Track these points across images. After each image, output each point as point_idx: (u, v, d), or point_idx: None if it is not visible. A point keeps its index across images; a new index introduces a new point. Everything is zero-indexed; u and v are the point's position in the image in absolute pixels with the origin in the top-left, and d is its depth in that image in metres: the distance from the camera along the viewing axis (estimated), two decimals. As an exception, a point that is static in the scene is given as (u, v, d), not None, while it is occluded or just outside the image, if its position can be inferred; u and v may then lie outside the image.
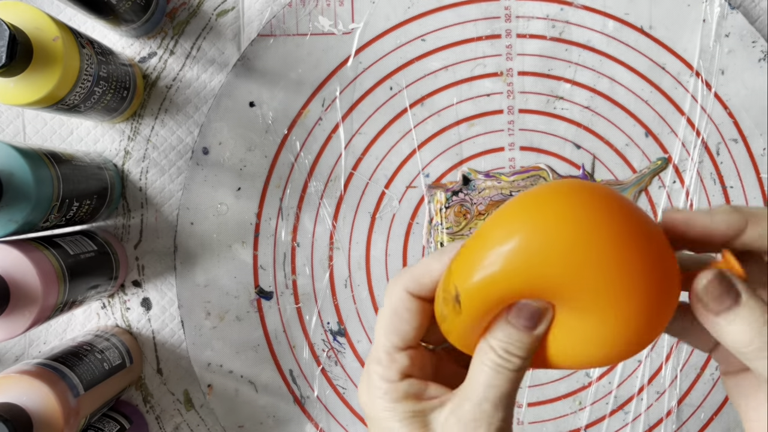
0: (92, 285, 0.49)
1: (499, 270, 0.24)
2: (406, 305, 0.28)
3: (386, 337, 0.29)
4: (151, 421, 0.56)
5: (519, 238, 0.23)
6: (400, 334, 0.28)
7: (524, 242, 0.23)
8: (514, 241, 0.23)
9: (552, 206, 0.23)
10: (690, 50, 0.55)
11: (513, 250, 0.23)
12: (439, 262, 0.28)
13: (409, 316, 0.28)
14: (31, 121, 0.56)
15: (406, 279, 0.29)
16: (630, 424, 0.55)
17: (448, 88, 0.56)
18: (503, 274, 0.24)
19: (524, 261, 0.23)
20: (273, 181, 0.56)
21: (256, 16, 0.56)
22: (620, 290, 0.23)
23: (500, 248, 0.24)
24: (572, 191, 0.24)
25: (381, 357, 0.29)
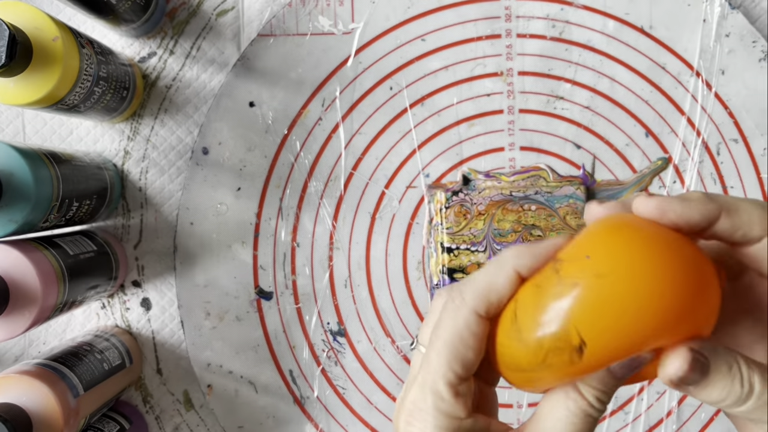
0: (92, 285, 0.49)
1: (655, 324, 0.22)
2: (473, 330, 0.26)
3: (449, 366, 0.25)
4: (150, 422, 0.56)
5: (672, 286, 0.22)
6: (464, 362, 0.26)
7: (677, 292, 0.22)
8: (665, 290, 0.22)
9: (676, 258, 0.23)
10: (690, 50, 0.55)
11: (665, 300, 0.21)
12: (506, 275, 0.26)
13: (474, 342, 0.26)
14: (30, 121, 0.56)
15: (474, 298, 0.26)
16: (630, 424, 0.55)
17: (448, 88, 0.56)
18: (656, 328, 0.22)
19: (673, 314, 0.22)
20: (273, 181, 0.56)
21: (256, 15, 0.56)
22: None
23: (650, 298, 0.21)
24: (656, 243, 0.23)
25: (442, 391, 0.25)
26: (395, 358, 0.56)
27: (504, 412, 0.56)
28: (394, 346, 0.56)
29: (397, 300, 0.56)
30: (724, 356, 0.24)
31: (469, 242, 0.54)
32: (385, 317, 0.56)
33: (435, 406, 0.25)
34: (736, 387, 0.23)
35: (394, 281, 0.56)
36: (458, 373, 0.25)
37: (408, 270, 0.56)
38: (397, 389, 0.56)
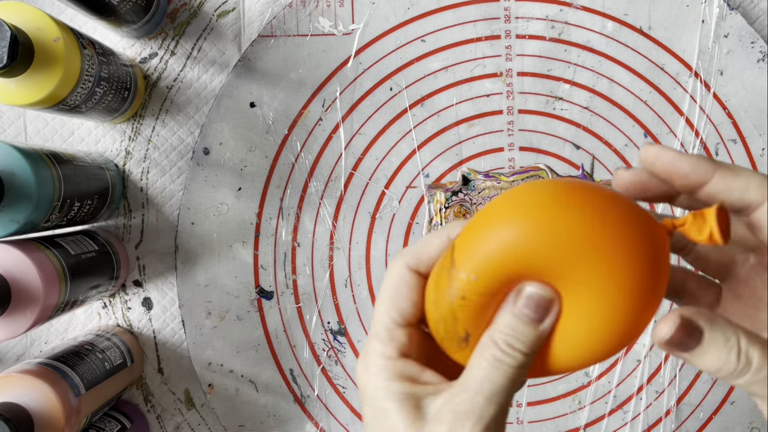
0: (93, 285, 0.50)
1: (506, 245, 0.24)
2: (406, 280, 0.28)
3: (386, 312, 0.28)
4: (152, 421, 0.57)
5: (525, 217, 0.24)
6: (399, 310, 0.28)
7: (531, 221, 0.24)
8: (522, 220, 0.24)
9: (555, 192, 0.25)
10: (689, 51, 0.55)
11: (521, 227, 0.24)
12: (439, 238, 0.28)
13: (408, 292, 0.28)
14: (32, 122, 0.56)
15: (407, 255, 0.29)
16: (629, 423, 0.56)
17: (448, 89, 0.56)
18: (510, 250, 0.24)
19: (532, 237, 0.24)
20: (273, 181, 0.56)
21: (257, 16, 0.56)
22: (617, 268, 0.24)
23: (507, 225, 0.24)
24: (574, 183, 0.25)
25: (380, 333, 0.28)
26: (395, 357, 0.56)
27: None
28: (394, 346, 0.56)
29: (397, 300, 0.56)
30: (721, 327, 0.24)
31: (468, 242, 0.54)
32: (385, 317, 0.56)
33: (372, 346, 0.28)
34: (731, 358, 0.24)
35: (394, 281, 0.56)
36: (393, 317, 0.28)
37: (408, 270, 0.56)
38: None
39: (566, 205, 0.24)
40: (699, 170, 0.25)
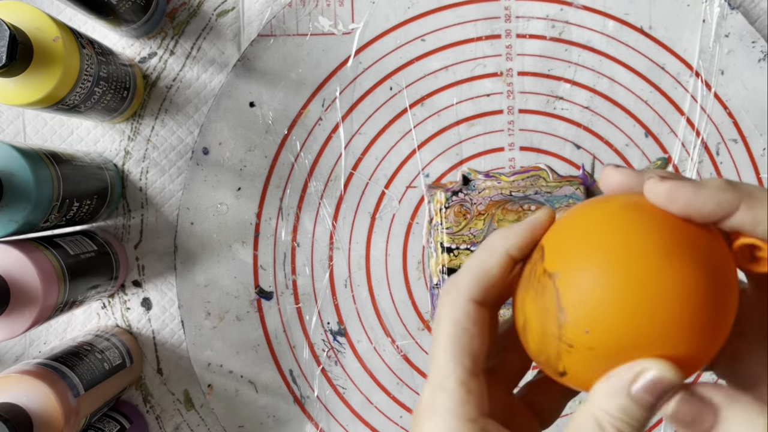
0: (92, 285, 0.49)
1: (628, 318, 0.22)
2: (473, 318, 0.24)
3: (456, 360, 0.24)
4: (151, 421, 0.57)
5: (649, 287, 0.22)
6: (472, 354, 0.24)
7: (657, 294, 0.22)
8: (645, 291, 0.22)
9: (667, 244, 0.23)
10: (690, 50, 0.55)
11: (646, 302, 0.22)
12: (495, 257, 0.25)
13: (477, 330, 0.24)
14: (31, 122, 0.56)
15: (469, 286, 0.25)
16: (630, 424, 0.55)
17: (448, 89, 0.56)
18: (632, 323, 0.22)
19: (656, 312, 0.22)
20: (273, 181, 0.56)
21: (256, 16, 0.56)
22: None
23: (633, 297, 0.22)
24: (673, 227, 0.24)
25: (451, 387, 0.23)
26: (395, 357, 0.56)
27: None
28: (394, 346, 0.56)
29: (397, 300, 0.56)
30: (740, 402, 0.22)
31: (469, 242, 0.54)
32: (385, 317, 0.56)
33: (444, 405, 0.23)
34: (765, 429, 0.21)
35: (394, 281, 0.56)
36: (466, 365, 0.24)
37: (408, 270, 0.56)
38: (397, 389, 0.56)
39: (685, 263, 0.22)
40: (723, 205, 0.22)
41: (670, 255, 0.22)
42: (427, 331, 0.56)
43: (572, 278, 0.23)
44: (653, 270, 0.22)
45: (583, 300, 0.23)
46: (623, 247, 0.23)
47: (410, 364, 0.56)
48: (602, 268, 0.23)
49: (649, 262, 0.22)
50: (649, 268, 0.22)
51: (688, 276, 0.22)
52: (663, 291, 0.22)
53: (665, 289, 0.22)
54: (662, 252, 0.22)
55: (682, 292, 0.22)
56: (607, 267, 0.23)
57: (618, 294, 0.22)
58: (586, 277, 0.23)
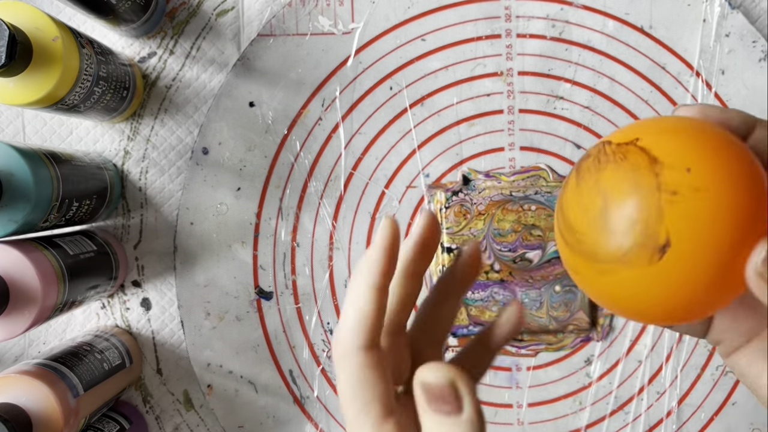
0: (92, 285, 0.49)
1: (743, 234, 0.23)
2: (366, 365, 0.25)
3: (364, 411, 0.24)
4: (150, 422, 0.56)
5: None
6: (377, 398, 0.25)
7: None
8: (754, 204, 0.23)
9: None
10: (690, 50, 0.55)
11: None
12: (366, 301, 0.25)
13: (378, 374, 0.25)
14: (30, 121, 0.56)
15: (351, 335, 0.25)
16: (630, 424, 0.55)
17: (448, 88, 0.56)
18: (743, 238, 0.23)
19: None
20: (273, 181, 0.56)
21: (256, 15, 0.56)
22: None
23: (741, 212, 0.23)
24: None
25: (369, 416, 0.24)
26: (395, 358, 0.56)
27: (504, 412, 0.56)
28: (394, 346, 0.56)
29: (397, 300, 0.56)
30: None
31: (469, 242, 0.54)
32: (385, 317, 0.56)
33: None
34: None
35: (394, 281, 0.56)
36: (376, 412, 0.24)
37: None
38: (397, 389, 0.56)
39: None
40: (746, 119, 0.25)
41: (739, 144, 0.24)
42: (427, 332, 0.56)
43: (654, 136, 0.23)
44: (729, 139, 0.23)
45: (673, 144, 0.23)
46: (696, 124, 0.24)
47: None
48: (681, 128, 0.23)
49: (725, 135, 0.24)
50: (725, 138, 0.24)
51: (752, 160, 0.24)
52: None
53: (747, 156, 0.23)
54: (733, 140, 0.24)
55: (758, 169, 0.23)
56: (685, 128, 0.23)
57: (711, 139, 0.23)
58: (668, 133, 0.23)
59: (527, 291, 0.54)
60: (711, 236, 0.22)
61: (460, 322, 0.54)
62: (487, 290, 0.54)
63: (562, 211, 0.26)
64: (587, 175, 0.25)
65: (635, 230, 0.23)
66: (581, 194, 0.25)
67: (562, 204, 0.26)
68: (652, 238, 0.22)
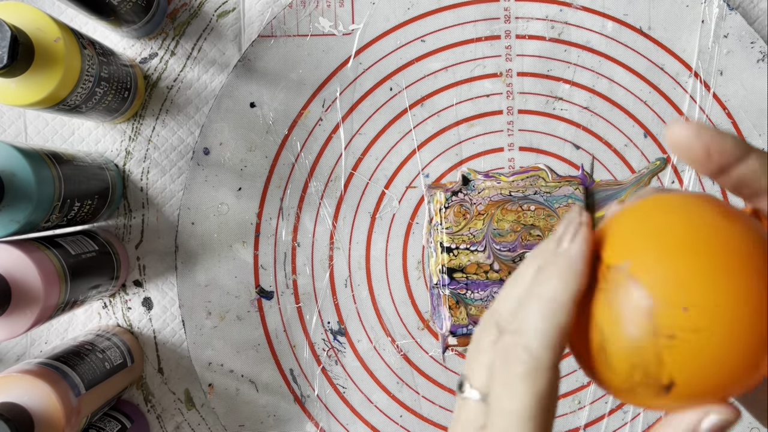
0: (93, 285, 0.50)
1: (749, 371, 0.21)
2: (554, 389, 0.23)
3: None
4: (152, 421, 0.57)
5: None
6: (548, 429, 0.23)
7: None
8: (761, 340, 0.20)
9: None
10: (689, 51, 0.55)
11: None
12: (566, 313, 0.22)
13: (554, 402, 0.23)
14: (32, 122, 0.56)
15: (548, 350, 0.22)
16: (629, 423, 0.56)
17: (448, 89, 0.56)
18: (750, 375, 0.21)
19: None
20: (273, 181, 0.56)
21: (257, 17, 0.56)
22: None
23: (747, 350, 0.20)
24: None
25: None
26: (395, 357, 0.56)
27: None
28: (394, 346, 0.56)
29: (397, 299, 0.56)
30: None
31: (468, 242, 0.54)
32: (385, 317, 0.56)
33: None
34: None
35: (394, 281, 0.56)
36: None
37: (408, 270, 0.56)
38: (396, 388, 0.56)
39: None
40: (740, 146, 0.23)
41: (732, 217, 0.22)
42: (427, 331, 0.56)
43: (645, 260, 0.21)
44: (726, 229, 0.21)
45: (666, 276, 0.21)
46: (686, 223, 0.22)
47: (410, 363, 0.56)
48: (673, 241, 0.21)
49: (718, 226, 0.21)
50: (720, 229, 0.21)
51: (755, 232, 0.21)
52: (756, 251, 0.21)
53: (748, 245, 0.21)
54: (726, 216, 0.21)
55: (761, 245, 0.21)
56: (677, 240, 0.21)
57: (704, 259, 0.21)
58: (659, 253, 0.21)
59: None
60: (719, 369, 0.21)
61: (460, 322, 0.55)
62: (487, 290, 0.54)
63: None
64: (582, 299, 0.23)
65: (636, 374, 0.22)
66: (578, 321, 0.23)
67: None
68: (654, 380, 0.21)
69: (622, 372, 0.22)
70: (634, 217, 0.23)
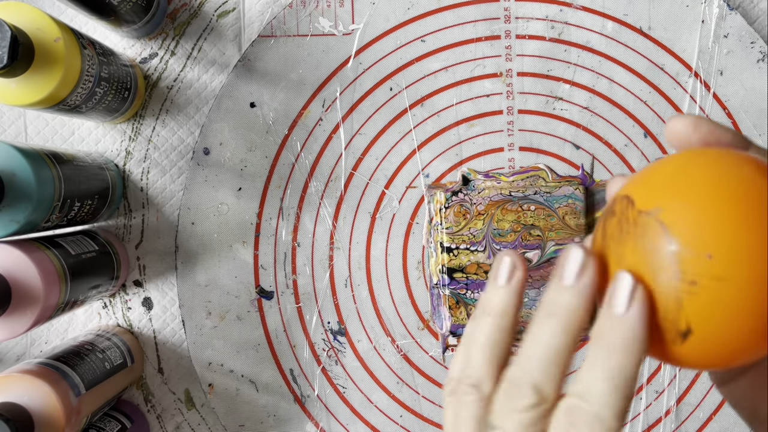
0: (93, 285, 0.50)
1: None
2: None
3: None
4: (152, 421, 0.57)
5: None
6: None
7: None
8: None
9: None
10: (689, 51, 0.55)
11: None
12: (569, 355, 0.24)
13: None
14: (32, 122, 0.56)
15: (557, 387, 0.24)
16: (629, 423, 0.56)
17: (448, 89, 0.56)
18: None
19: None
20: (273, 181, 0.56)
21: (257, 17, 0.56)
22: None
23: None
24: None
25: None
26: (395, 357, 0.56)
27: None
28: (394, 346, 0.56)
29: (397, 299, 0.56)
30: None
31: (468, 242, 0.54)
32: (385, 317, 0.56)
33: None
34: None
35: (394, 281, 0.56)
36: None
37: (408, 270, 0.56)
38: (396, 388, 0.56)
39: None
40: (739, 138, 0.24)
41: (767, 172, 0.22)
42: (427, 331, 0.56)
43: (676, 207, 0.22)
44: (759, 184, 0.21)
45: (695, 222, 0.21)
46: (721, 174, 0.22)
47: (410, 363, 0.56)
48: (706, 190, 0.21)
49: (752, 179, 0.21)
50: (753, 183, 0.21)
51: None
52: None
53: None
54: (761, 171, 0.21)
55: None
56: (710, 189, 0.21)
57: (734, 210, 0.21)
58: (691, 200, 0.21)
59: (526, 290, 0.54)
60: (735, 322, 0.21)
61: (460, 322, 0.55)
62: (486, 290, 0.54)
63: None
64: (611, 243, 0.24)
65: (657, 316, 0.22)
66: (608, 262, 0.24)
67: (609, 257, 0.25)
68: (673, 324, 0.22)
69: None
70: (670, 166, 0.23)
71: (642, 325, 0.22)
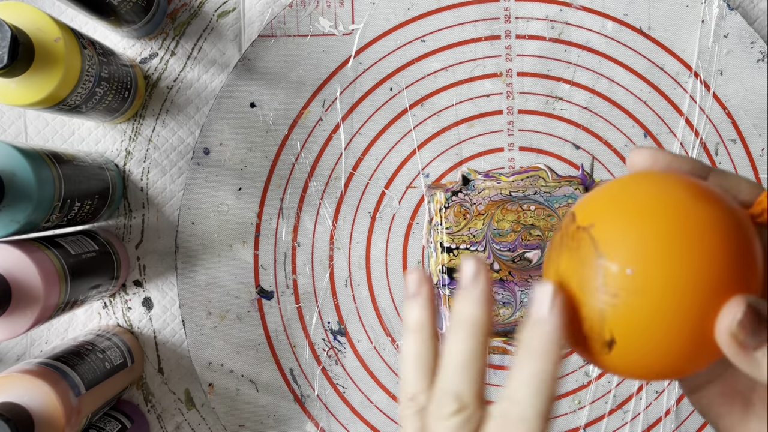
0: (94, 285, 0.50)
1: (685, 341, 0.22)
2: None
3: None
4: (152, 421, 0.57)
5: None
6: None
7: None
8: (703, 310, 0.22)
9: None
10: (689, 51, 0.55)
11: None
12: (479, 372, 0.25)
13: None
14: (32, 122, 0.56)
15: (479, 401, 0.25)
16: (629, 423, 0.56)
17: (448, 89, 0.56)
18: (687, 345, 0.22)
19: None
20: (274, 181, 0.56)
21: (257, 17, 0.56)
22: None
23: (685, 320, 0.22)
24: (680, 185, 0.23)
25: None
26: (395, 357, 0.56)
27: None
28: (394, 346, 0.56)
29: (397, 299, 0.56)
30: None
31: (468, 242, 0.54)
32: (385, 316, 0.56)
33: None
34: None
35: (394, 281, 0.56)
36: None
37: (408, 269, 0.56)
38: (396, 388, 0.56)
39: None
40: (697, 167, 0.25)
41: (702, 195, 0.23)
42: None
43: (607, 223, 0.23)
44: (687, 205, 0.22)
45: (621, 238, 0.22)
46: (655, 194, 0.23)
47: (410, 363, 0.56)
48: (636, 208, 0.23)
49: (682, 201, 0.22)
50: (682, 205, 0.22)
51: (721, 213, 0.22)
52: (703, 224, 0.22)
53: (704, 223, 0.22)
54: (694, 193, 0.23)
55: (722, 226, 0.22)
56: (641, 208, 0.22)
57: (658, 228, 0.22)
58: (621, 217, 0.23)
59: (526, 290, 0.54)
60: (655, 334, 0.22)
61: (460, 322, 0.54)
62: (486, 290, 0.54)
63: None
64: (553, 255, 0.25)
65: (585, 326, 0.23)
66: (548, 274, 0.26)
67: (548, 267, 0.27)
68: (599, 334, 0.23)
69: (576, 322, 0.24)
70: (613, 186, 0.25)
71: (558, 330, 0.23)
